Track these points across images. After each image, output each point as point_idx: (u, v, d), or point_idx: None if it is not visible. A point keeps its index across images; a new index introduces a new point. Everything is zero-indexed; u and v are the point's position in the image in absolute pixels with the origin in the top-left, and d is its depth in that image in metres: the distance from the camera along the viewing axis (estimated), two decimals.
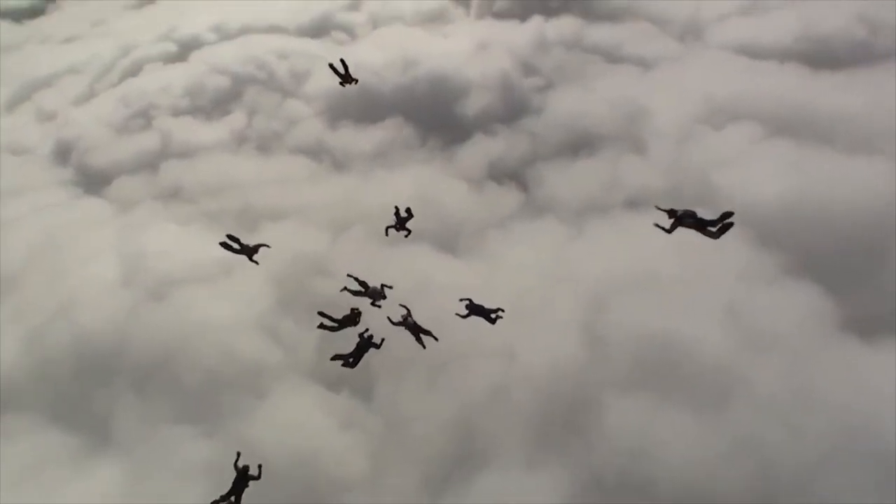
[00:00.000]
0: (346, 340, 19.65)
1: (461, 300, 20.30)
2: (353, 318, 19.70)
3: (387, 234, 22.49)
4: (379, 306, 20.25)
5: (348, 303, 19.86)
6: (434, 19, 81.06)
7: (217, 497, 17.55)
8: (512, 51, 69.23)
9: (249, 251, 20.92)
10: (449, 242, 47.53)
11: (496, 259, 44.11)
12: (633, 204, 49.35)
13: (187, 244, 49.60)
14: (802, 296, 40.65)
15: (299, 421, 38.14)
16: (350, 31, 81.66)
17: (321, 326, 19.73)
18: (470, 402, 37.89)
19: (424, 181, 53.73)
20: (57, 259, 49.20)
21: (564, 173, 54.49)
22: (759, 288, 40.93)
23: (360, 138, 60.95)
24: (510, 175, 55.71)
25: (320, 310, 19.64)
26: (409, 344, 19.93)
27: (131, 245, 49.98)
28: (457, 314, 20.22)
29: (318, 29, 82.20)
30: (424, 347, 20.09)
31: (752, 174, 49.42)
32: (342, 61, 23.39)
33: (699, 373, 36.47)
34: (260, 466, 17.73)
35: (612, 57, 67.34)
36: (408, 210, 22.31)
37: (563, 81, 64.96)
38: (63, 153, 67.35)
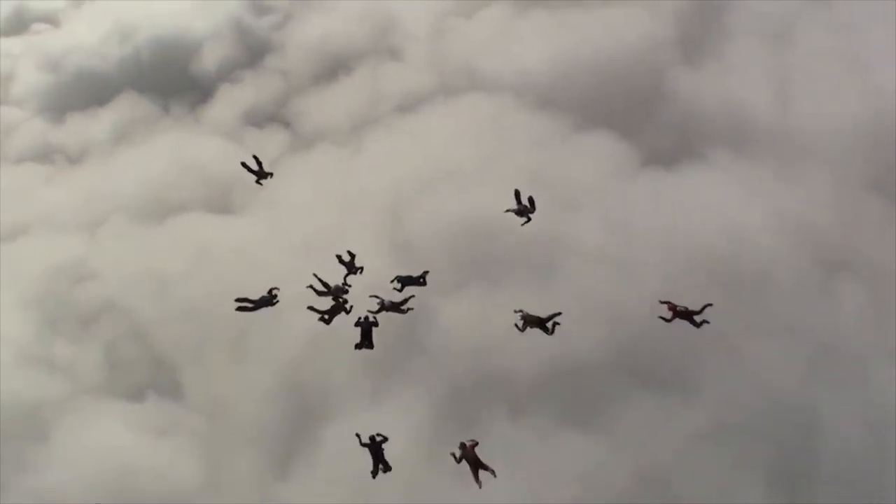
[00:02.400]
0: None
1: (391, 281, 22.24)
2: (340, 305, 21.74)
3: (347, 283, 22.56)
4: (345, 301, 21.80)
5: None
6: None
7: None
8: None
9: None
10: (222, 202, 42.83)
11: (277, 204, 39.94)
12: (405, 108, 47.30)
13: None
14: (599, 145, 41.04)
15: (105, 446, 32.38)
16: (51, 19, 70.44)
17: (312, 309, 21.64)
18: (291, 361, 34.04)
19: (177, 149, 47.85)
20: None
21: (326, 99, 51.22)
22: (556, 150, 40.67)
23: (92, 126, 53.11)
24: (269, 117, 51.49)
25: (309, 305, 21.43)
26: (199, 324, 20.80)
27: None
28: (394, 289, 22.14)
29: (13, 25, 70.25)
30: (408, 311, 21.95)
31: (514, 50, 49.12)
32: (255, 158, 24.53)
33: (522, 248, 34.82)
34: (386, 438, 18.75)
35: None
36: (349, 252, 23.12)
37: (300, 11, 60.24)
38: None
